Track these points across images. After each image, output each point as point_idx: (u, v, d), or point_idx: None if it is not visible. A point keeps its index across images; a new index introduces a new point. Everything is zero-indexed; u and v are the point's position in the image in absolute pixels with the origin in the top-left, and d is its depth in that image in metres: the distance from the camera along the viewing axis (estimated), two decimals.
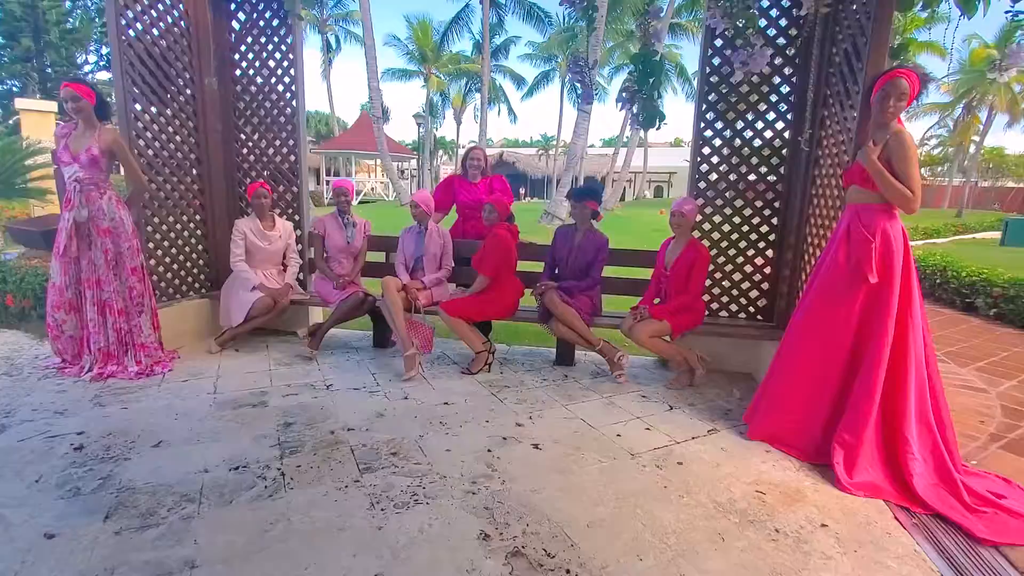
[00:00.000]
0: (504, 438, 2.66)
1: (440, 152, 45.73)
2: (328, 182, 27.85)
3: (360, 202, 26.29)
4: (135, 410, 2.86)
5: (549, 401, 3.19)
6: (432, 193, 4.26)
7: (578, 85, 2.99)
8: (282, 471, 2.27)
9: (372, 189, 29.28)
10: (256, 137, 4.34)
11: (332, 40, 31.09)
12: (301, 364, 3.72)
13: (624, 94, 2.82)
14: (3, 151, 6.99)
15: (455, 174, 4.39)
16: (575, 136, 10.84)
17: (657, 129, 2.94)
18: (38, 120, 9.24)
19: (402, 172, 37.30)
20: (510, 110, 35.70)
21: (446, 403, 3.10)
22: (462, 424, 2.81)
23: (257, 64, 4.23)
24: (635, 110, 2.82)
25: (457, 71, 31.92)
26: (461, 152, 42.75)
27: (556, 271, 3.88)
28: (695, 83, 4.29)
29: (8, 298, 4.51)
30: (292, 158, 4.31)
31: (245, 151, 4.36)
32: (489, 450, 2.52)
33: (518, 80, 32.80)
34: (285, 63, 4.18)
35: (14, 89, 18.58)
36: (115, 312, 3.30)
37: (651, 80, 2.74)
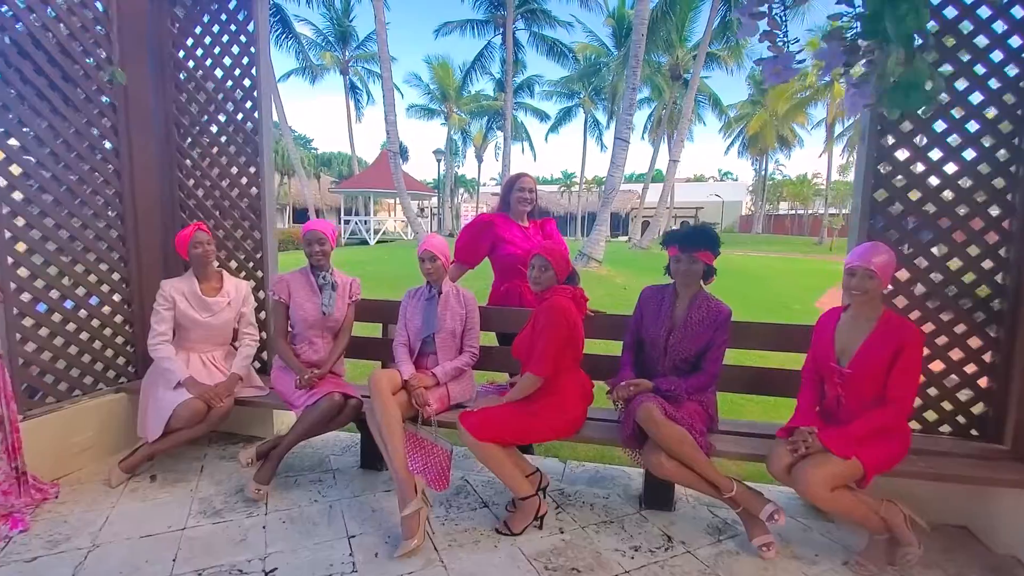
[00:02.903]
0: None
1: (461, 190, 45.30)
2: (347, 221, 27.19)
3: (378, 241, 25.43)
4: None
5: None
6: (456, 239, 2.93)
7: (767, 45, 1.50)
8: None
9: (393, 228, 28.49)
10: (207, 163, 3.11)
11: (358, 83, 31.14)
12: (238, 513, 2.33)
13: (838, 49, 1.38)
14: None
15: (493, 212, 3.03)
16: (612, 168, 9.61)
17: (925, 114, 1.54)
18: None
19: (422, 211, 36.77)
20: (531, 147, 35.03)
21: None
22: None
23: (208, 63, 3.04)
24: (872, 80, 1.39)
25: (478, 108, 31.51)
26: (484, 190, 42.55)
27: (642, 356, 2.47)
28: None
29: None
30: (253, 191, 3.06)
31: (192, 182, 3.12)
32: None
33: (541, 115, 32.23)
34: (245, 60, 2.98)
35: None
36: None
37: (903, 18, 1.28)
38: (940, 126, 2.33)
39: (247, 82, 2.99)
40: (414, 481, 2.14)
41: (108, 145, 2.85)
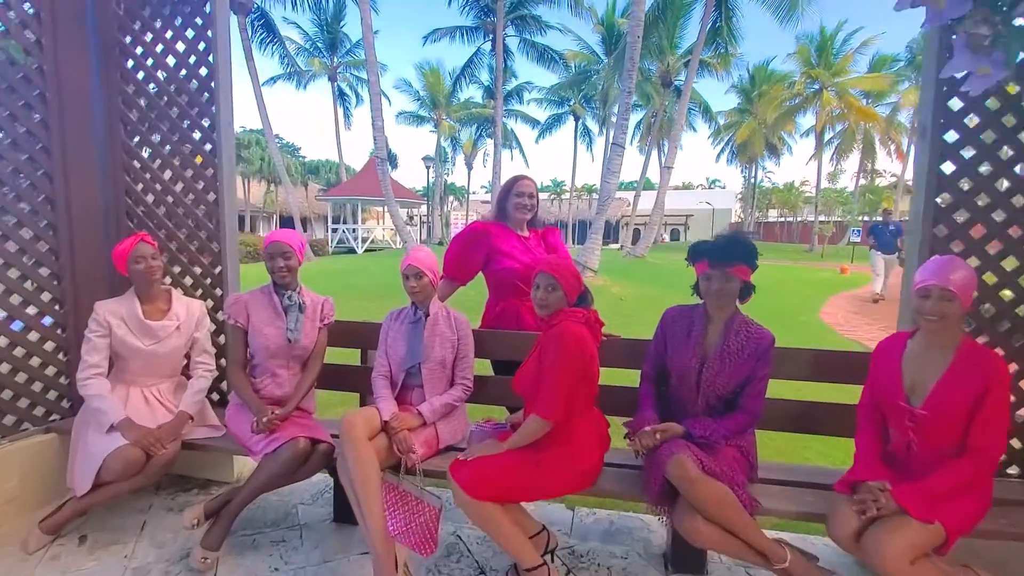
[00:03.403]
0: None
1: (451, 198, 44.92)
2: (334, 229, 26.66)
3: (366, 250, 24.93)
4: None
5: None
6: (446, 251, 2.55)
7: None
8: None
9: (381, 236, 27.98)
10: (157, 164, 2.70)
11: (347, 89, 30.74)
12: None
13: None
14: None
15: (486, 220, 2.65)
16: (607, 174, 9.29)
17: None
18: None
19: (411, 219, 36.32)
20: (522, 154, 34.86)
21: None
22: None
23: (159, 49, 2.64)
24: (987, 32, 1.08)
25: (468, 116, 31.22)
26: (474, 198, 42.14)
27: (665, 390, 2.10)
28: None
29: None
30: (211, 196, 2.65)
31: (140, 187, 2.71)
32: None
33: (532, 122, 32.06)
34: (201, 45, 2.59)
35: None
36: None
37: None
38: (1010, 120, 2.00)
39: (203, 71, 2.59)
40: (394, 552, 1.74)
41: (36, 144, 2.42)
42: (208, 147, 2.61)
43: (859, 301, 9.96)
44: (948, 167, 2.02)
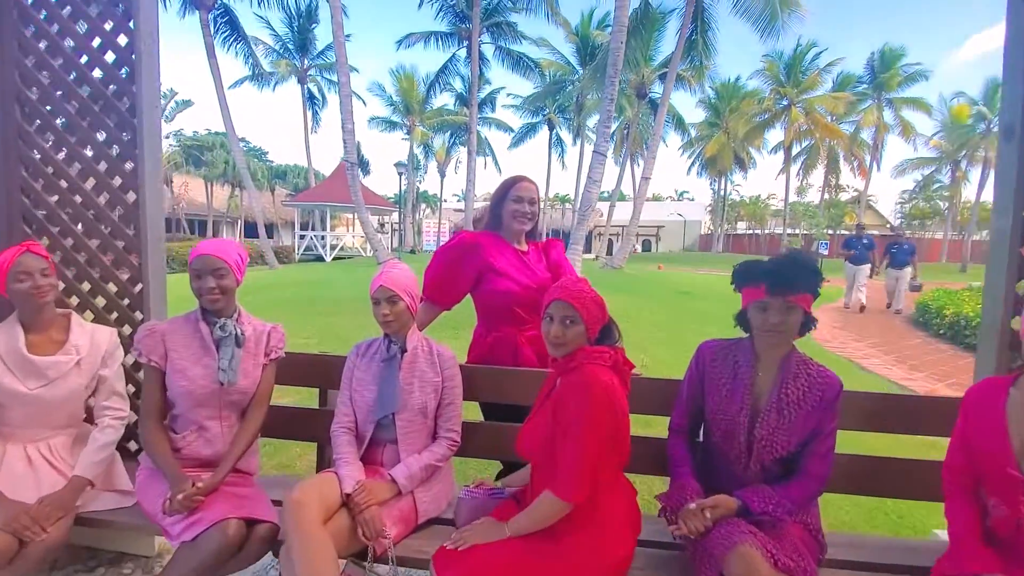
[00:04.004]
0: None
1: (423, 205, 44.19)
2: (302, 236, 25.67)
3: (335, 258, 24.06)
4: None
5: None
6: (428, 268, 2.09)
7: None
8: None
9: (351, 244, 27.08)
10: (63, 156, 2.16)
11: (317, 92, 29.84)
12: None
13: None
14: None
15: (477, 231, 2.19)
16: (589, 183, 8.97)
17: None
18: None
19: (382, 226, 35.49)
20: (496, 162, 34.50)
21: None
22: None
23: (67, 12, 2.11)
24: None
25: (441, 123, 30.76)
26: (447, 206, 41.57)
27: (701, 444, 1.69)
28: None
29: None
30: (131, 196, 2.12)
31: (41, 183, 2.16)
32: None
33: (505, 128, 31.85)
34: (119, 7, 2.07)
35: None
36: None
37: None
38: None
39: (122, 39, 2.07)
40: None
41: None
42: (126, 136, 2.09)
43: (839, 314, 9.90)
44: None
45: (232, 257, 1.74)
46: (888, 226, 24.88)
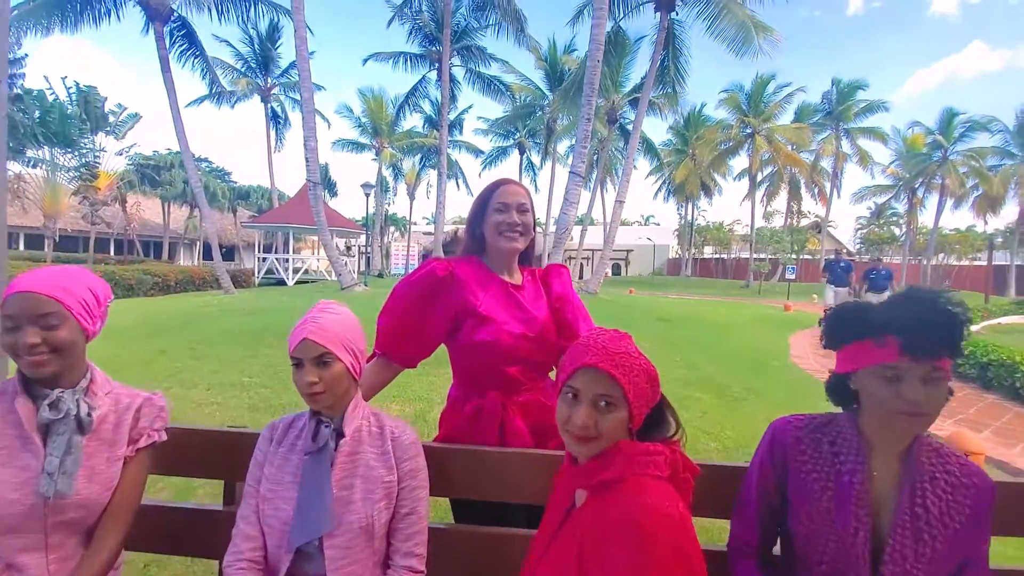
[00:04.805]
0: None
1: (392, 228, 43.34)
2: (264, 259, 24.50)
3: (298, 282, 22.98)
4: None
5: None
6: (383, 309, 1.51)
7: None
8: None
9: (316, 267, 26.03)
10: None
11: (280, 111, 29.03)
12: None
13: None
14: None
15: (449, 257, 1.58)
16: (566, 205, 8.58)
17: None
18: None
19: (348, 248, 34.48)
20: (466, 184, 34.16)
21: None
22: None
23: None
24: None
25: (411, 145, 30.33)
26: (416, 228, 40.87)
27: (777, 569, 1.15)
28: None
29: None
30: None
31: None
32: None
33: (475, 152, 31.70)
34: None
35: None
36: None
37: None
38: None
39: None
40: None
41: None
42: None
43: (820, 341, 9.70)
44: None
45: (74, 295, 1.13)
46: (845, 251, 25.79)
